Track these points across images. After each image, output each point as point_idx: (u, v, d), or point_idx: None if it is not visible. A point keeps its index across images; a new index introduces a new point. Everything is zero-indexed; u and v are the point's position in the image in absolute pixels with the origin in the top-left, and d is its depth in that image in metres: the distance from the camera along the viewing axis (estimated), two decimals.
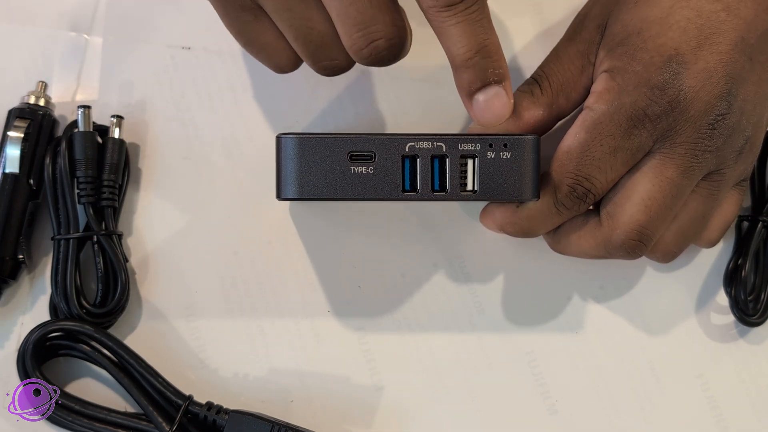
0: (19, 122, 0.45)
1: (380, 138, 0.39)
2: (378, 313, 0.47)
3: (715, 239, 0.45)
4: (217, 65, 0.48)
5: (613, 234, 0.42)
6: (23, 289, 0.47)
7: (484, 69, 0.36)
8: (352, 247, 0.48)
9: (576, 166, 0.41)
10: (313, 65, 0.39)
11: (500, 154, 0.40)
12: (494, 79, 0.37)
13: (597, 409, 0.47)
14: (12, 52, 0.48)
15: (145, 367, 0.44)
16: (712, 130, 0.40)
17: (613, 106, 0.40)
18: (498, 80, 0.37)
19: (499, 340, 0.47)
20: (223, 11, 0.39)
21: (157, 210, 0.47)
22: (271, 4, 0.37)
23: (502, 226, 0.44)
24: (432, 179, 0.40)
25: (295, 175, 0.39)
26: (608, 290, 0.48)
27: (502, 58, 0.37)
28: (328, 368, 0.47)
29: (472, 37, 0.35)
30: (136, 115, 0.48)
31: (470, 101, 0.37)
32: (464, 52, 0.36)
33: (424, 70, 0.49)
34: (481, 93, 0.37)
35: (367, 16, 0.35)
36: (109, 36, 0.48)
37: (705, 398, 0.47)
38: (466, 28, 0.35)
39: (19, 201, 0.45)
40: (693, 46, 0.40)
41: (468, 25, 0.35)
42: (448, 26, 0.35)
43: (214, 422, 0.44)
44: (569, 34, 0.44)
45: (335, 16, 0.36)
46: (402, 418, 0.47)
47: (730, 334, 0.48)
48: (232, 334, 0.47)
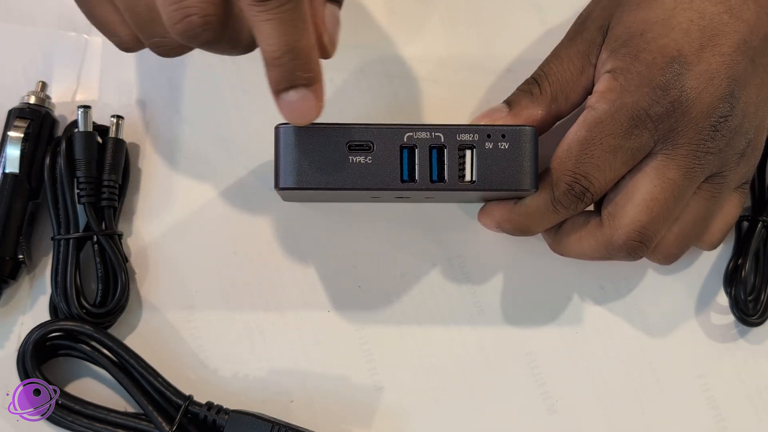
0: (19, 122, 0.45)
1: (379, 128, 0.40)
2: (378, 313, 0.47)
3: (717, 241, 0.45)
4: (217, 65, 0.48)
5: (614, 235, 0.42)
6: (23, 289, 0.47)
7: (291, 70, 0.35)
8: (352, 247, 0.48)
9: (575, 164, 0.41)
10: (146, 42, 0.37)
11: (498, 145, 0.40)
12: (302, 82, 0.35)
13: (597, 410, 0.47)
14: (12, 52, 0.48)
15: (145, 367, 0.44)
16: (714, 132, 0.40)
17: (615, 106, 0.40)
18: (306, 83, 0.35)
19: (499, 340, 0.47)
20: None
21: (157, 210, 0.47)
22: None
23: (499, 224, 0.44)
24: (430, 169, 0.40)
25: (294, 165, 0.39)
26: (608, 290, 0.48)
27: (314, 60, 0.36)
28: (328, 368, 0.47)
29: (282, 36, 0.34)
30: (136, 115, 0.48)
31: (278, 99, 0.36)
32: (273, 51, 0.34)
33: (422, 70, 0.49)
34: (287, 93, 0.36)
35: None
36: None
37: (705, 398, 0.47)
38: (277, 27, 0.34)
39: (19, 201, 0.45)
40: (695, 47, 0.40)
41: (279, 23, 0.34)
42: (259, 22, 0.34)
43: (214, 422, 0.44)
44: (570, 34, 0.44)
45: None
46: (402, 418, 0.47)
47: (730, 334, 0.48)
48: (232, 334, 0.47)
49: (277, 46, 0.34)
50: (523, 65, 0.46)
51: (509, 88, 0.44)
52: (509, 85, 0.45)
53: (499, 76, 0.49)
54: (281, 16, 0.34)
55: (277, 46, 0.34)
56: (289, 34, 0.34)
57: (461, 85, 0.49)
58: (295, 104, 0.36)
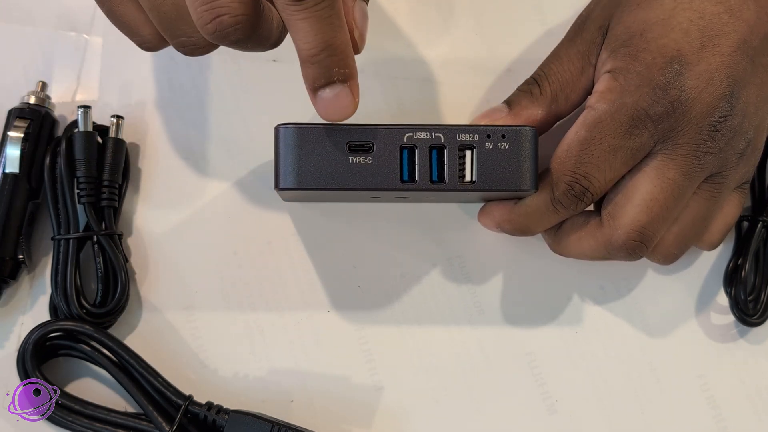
0: (19, 122, 0.45)
1: (378, 128, 0.40)
2: (378, 313, 0.47)
3: (716, 242, 0.45)
4: (217, 65, 0.48)
5: (614, 234, 0.42)
6: (23, 289, 0.47)
7: (329, 67, 0.35)
8: (352, 247, 0.48)
9: (575, 164, 0.41)
10: (171, 41, 0.37)
11: (498, 145, 0.40)
12: (339, 78, 0.36)
13: (597, 410, 0.47)
14: (12, 52, 0.48)
15: (145, 367, 0.44)
16: (714, 132, 0.40)
17: (615, 106, 0.40)
18: (343, 79, 0.36)
19: (499, 340, 0.47)
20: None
21: (157, 210, 0.47)
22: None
23: (499, 224, 0.44)
24: (430, 170, 0.40)
25: (294, 165, 0.39)
26: (608, 290, 0.48)
27: (350, 57, 0.36)
28: (328, 368, 0.47)
29: (319, 34, 0.34)
30: (136, 115, 0.48)
31: (314, 96, 0.37)
32: (310, 48, 0.35)
33: (424, 70, 0.49)
34: (324, 90, 0.36)
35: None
36: (109, 36, 0.48)
37: (705, 398, 0.47)
38: (314, 25, 0.34)
39: (19, 201, 0.45)
40: (695, 47, 0.40)
41: (316, 21, 0.34)
42: (296, 20, 0.34)
43: (214, 422, 0.44)
44: (570, 35, 0.44)
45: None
46: (402, 418, 0.47)
47: (730, 334, 0.48)
48: (232, 334, 0.47)
49: (314, 44, 0.35)
50: (523, 65, 0.46)
51: (509, 88, 0.45)
52: (509, 85, 0.45)
53: (499, 77, 0.49)
54: (318, 14, 0.34)
55: (314, 43, 0.35)
56: (326, 32, 0.34)
57: (462, 85, 0.49)
58: (333, 101, 0.36)
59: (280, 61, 0.48)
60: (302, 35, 0.34)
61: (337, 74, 0.36)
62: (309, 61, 0.35)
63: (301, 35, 0.35)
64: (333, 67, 0.35)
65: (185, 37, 0.36)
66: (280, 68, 0.48)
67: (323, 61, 0.35)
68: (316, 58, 0.35)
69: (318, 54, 0.35)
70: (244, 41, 0.34)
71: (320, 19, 0.34)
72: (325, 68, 0.35)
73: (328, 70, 0.36)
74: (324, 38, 0.35)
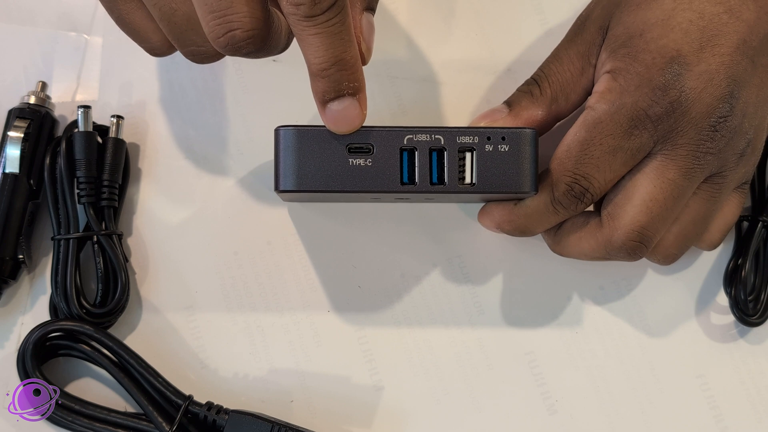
0: (19, 122, 0.45)
1: (378, 130, 0.40)
2: (378, 313, 0.47)
3: (716, 242, 0.45)
4: (217, 65, 0.48)
5: (614, 235, 0.42)
6: (23, 289, 0.47)
7: (338, 81, 0.36)
8: (352, 247, 0.48)
9: (575, 164, 0.41)
10: (181, 50, 0.38)
11: (498, 147, 0.40)
12: (348, 92, 0.37)
13: (597, 409, 0.47)
14: (12, 52, 0.48)
15: (145, 367, 0.44)
16: (713, 132, 0.40)
17: (615, 106, 0.40)
18: (352, 92, 0.37)
19: (499, 340, 0.47)
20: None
21: (157, 210, 0.47)
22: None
23: (499, 225, 0.44)
24: (430, 172, 0.40)
25: (294, 167, 0.39)
26: (608, 291, 0.48)
27: (359, 70, 0.37)
28: (328, 368, 0.47)
29: (330, 49, 0.35)
30: (136, 115, 0.48)
31: (323, 109, 0.37)
32: (320, 63, 0.35)
33: (424, 70, 0.49)
34: (334, 102, 0.37)
35: (224, 3, 0.33)
36: (109, 36, 0.48)
37: (705, 398, 0.47)
38: (325, 40, 0.35)
39: (19, 201, 0.45)
40: (695, 47, 0.40)
41: (326, 37, 0.35)
42: (307, 36, 0.35)
43: (214, 422, 0.44)
44: (570, 35, 0.44)
45: (194, 0, 0.35)
46: (402, 418, 0.47)
47: (730, 334, 0.48)
48: (232, 334, 0.47)
49: (324, 59, 0.35)
50: (523, 65, 0.46)
51: (509, 89, 0.45)
52: (509, 85, 0.45)
53: (499, 77, 0.49)
54: (330, 30, 0.34)
55: (325, 58, 0.35)
56: (336, 47, 0.35)
57: (462, 85, 0.49)
58: (342, 113, 0.37)
59: (280, 62, 0.48)
60: (313, 50, 0.35)
61: (347, 88, 0.36)
62: (319, 75, 0.36)
63: (312, 50, 0.35)
64: (343, 80, 0.36)
65: (195, 46, 0.37)
66: (281, 68, 0.48)
67: (333, 75, 0.36)
68: (326, 72, 0.36)
69: (329, 68, 0.35)
70: (255, 53, 0.35)
71: (331, 35, 0.34)
72: (335, 82, 0.36)
73: (338, 84, 0.36)
74: (335, 53, 0.35)
